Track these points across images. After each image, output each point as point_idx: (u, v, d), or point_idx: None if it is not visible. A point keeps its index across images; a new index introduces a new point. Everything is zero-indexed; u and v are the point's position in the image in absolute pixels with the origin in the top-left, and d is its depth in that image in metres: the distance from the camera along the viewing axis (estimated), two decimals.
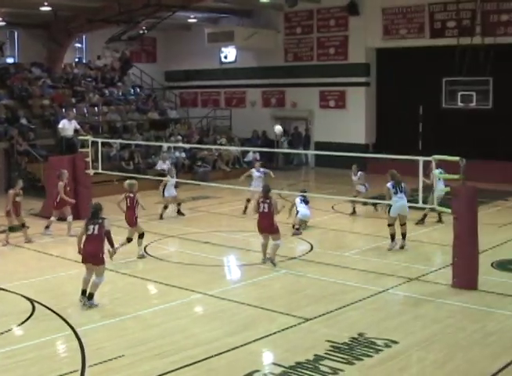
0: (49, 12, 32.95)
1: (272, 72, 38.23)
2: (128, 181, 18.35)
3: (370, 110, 35.69)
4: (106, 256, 14.06)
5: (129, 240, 17.48)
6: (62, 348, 11.69)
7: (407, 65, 33.37)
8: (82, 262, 13.53)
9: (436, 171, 17.17)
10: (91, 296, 13.28)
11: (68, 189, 20.88)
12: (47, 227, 20.37)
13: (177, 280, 15.11)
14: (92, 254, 13.26)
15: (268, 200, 16.47)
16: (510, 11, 30.05)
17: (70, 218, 20.21)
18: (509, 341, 11.49)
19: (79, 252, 13.44)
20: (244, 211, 23.09)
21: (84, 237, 13.43)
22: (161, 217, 22.74)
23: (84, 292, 13.43)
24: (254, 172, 23.52)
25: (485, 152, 30.23)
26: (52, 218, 20.49)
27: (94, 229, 13.28)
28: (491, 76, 28.57)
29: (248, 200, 22.93)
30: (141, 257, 17.37)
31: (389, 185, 17.98)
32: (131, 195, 17.65)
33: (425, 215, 21.07)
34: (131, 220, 17.49)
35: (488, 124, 31.17)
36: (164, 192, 22.99)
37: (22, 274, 15.98)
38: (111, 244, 14.09)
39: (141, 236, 17.51)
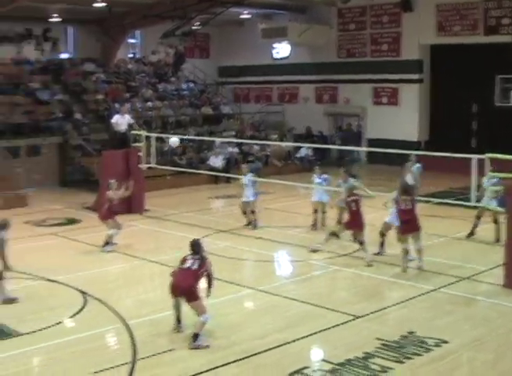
0: (104, 9, 33.24)
1: (325, 68, 38.09)
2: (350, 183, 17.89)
3: (423, 107, 35.35)
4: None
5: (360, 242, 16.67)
6: (113, 340, 11.85)
7: (461, 62, 32.97)
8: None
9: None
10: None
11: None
12: None
13: (228, 275, 14.93)
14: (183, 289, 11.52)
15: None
16: None
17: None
18: None
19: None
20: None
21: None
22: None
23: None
24: (316, 179, 20.49)
25: None
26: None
27: (193, 264, 11.75)
28: None
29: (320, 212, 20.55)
30: (369, 265, 16.28)
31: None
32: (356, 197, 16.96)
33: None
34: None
35: None
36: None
37: (73, 267, 16.12)
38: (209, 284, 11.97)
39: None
